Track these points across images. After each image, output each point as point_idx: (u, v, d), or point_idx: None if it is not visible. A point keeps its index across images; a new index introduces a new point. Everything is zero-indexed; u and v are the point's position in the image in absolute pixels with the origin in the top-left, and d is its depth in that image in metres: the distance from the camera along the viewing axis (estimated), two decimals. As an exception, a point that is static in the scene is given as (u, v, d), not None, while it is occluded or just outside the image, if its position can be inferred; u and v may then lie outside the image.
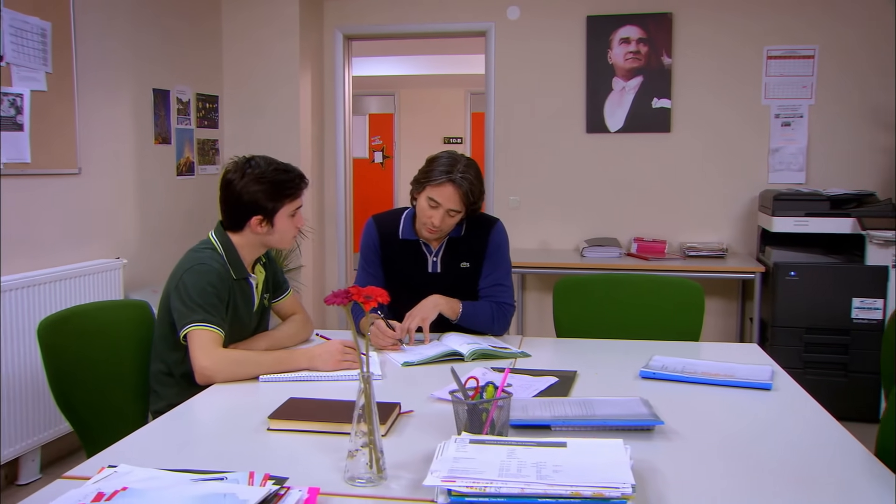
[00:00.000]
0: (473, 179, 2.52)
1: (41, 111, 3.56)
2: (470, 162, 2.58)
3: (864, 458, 1.58)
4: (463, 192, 2.50)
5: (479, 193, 2.55)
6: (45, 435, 3.42)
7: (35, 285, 3.38)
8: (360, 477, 1.46)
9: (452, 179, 2.50)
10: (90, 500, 1.30)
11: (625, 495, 1.32)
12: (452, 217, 2.55)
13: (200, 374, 2.11)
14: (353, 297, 1.45)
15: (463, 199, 2.51)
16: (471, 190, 2.51)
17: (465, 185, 2.50)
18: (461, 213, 2.56)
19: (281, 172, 2.35)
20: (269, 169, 2.33)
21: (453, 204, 2.51)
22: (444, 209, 2.52)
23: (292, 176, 2.37)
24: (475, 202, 2.55)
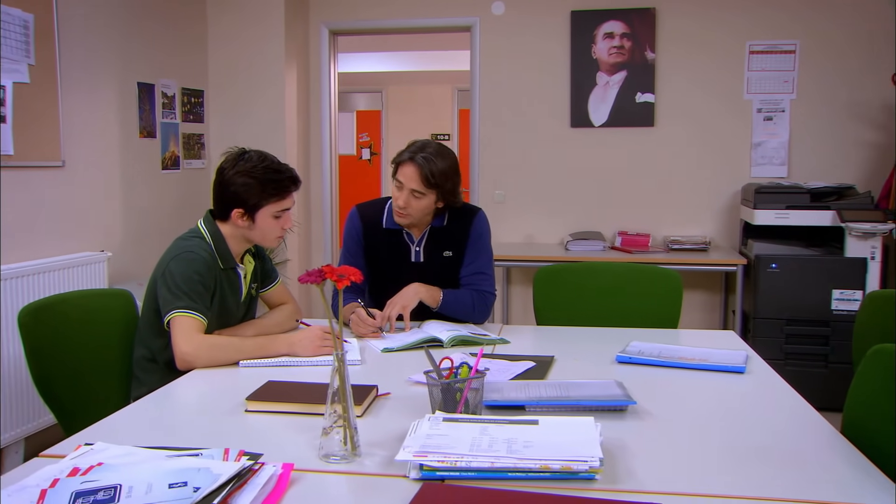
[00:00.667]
0: (436, 161, 2.54)
1: (24, 103, 3.56)
2: (441, 148, 2.61)
3: (830, 435, 1.61)
4: (423, 172, 2.52)
5: (441, 176, 2.54)
6: (30, 426, 3.43)
7: (18, 277, 3.39)
8: (334, 454, 1.48)
9: (413, 159, 2.54)
10: (66, 475, 1.31)
11: (592, 468, 1.35)
12: (418, 199, 2.57)
13: (181, 359, 2.13)
14: (327, 276, 1.47)
15: (423, 179, 2.53)
16: (431, 171, 2.52)
17: (425, 165, 2.53)
18: (427, 197, 2.57)
19: (271, 171, 2.34)
20: (260, 165, 2.33)
21: (415, 184, 2.54)
22: (407, 189, 2.55)
23: (282, 177, 2.35)
24: (438, 185, 2.55)
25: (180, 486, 1.26)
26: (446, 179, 2.56)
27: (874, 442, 1.54)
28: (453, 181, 2.60)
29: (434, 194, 2.57)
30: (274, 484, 1.34)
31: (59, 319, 2.32)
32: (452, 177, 2.59)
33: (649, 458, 1.50)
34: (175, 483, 1.27)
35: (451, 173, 2.58)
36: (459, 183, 2.65)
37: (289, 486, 1.36)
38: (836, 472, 1.44)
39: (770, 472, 1.44)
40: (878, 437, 1.54)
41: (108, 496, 1.24)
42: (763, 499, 1.32)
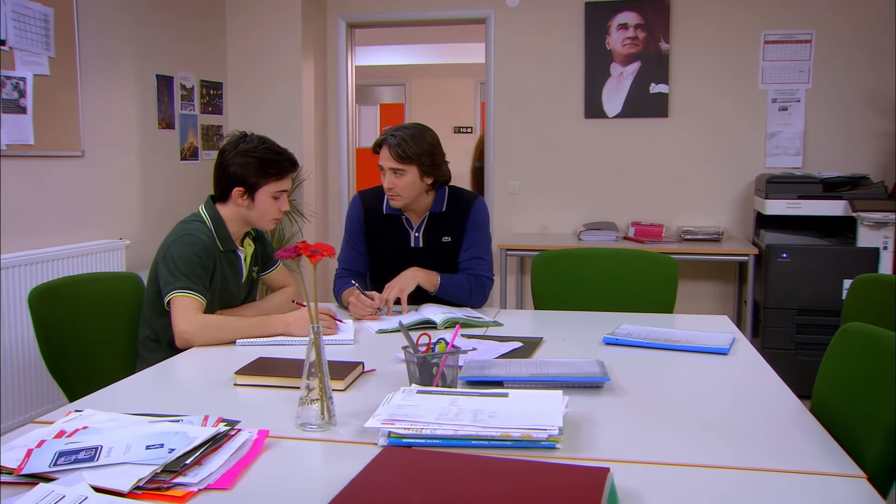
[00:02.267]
0: (406, 138, 2.62)
1: (44, 95, 3.68)
2: (414, 126, 2.70)
3: (798, 412, 1.64)
4: (395, 150, 2.61)
5: (415, 150, 2.61)
6: (44, 409, 3.55)
7: (38, 263, 3.51)
8: (310, 423, 1.55)
9: (385, 140, 2.64)
10: (52, 437, 1.39)
11: (552, 437, 1.41)
12: (400, 177, 2.63)
13: (180, 337, 2.21)
14: (301, 251, 1.54)
15: (396, 156, 2.61)
16: (402, 148, 2.60)
17: (393, 141, 2.62)
18: (408, 173, 2.63)
19: (270, 152, 2.43)
20: (260, 147, 2.43)
21: (391, 163, 2.62)
22: (388, 170, 2.64)
23: (281, 158, 2.45)
24: (413, 159, 2.61)
25: (157, 447, 1.33)
26: (421, 153, 2.63)
27: (837, 417, 1.58)
28: (431, 154, 2.66)
29: (414, 168, 2.64)
30: (248, 448, 1.41)
31: (68, 300, 2.41)
32: (428, 150, 2.65)
33: (614, 430, 1.55)
34: (152, 445, 1.34)
35: (426, 146, 2.65)
36: (440, 156, 2.71)
37: (263, 451, 1.43)
38: (793, 443, 1.47)
39: (727, 443, 1.48)
40: (841, 413, 1.57)
41: (89, 455, 1.32)
42: (712, 466, 1.36)
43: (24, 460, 1.31)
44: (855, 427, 1.48)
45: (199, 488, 1.25)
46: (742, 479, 1.32)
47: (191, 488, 1.25)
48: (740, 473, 1.34)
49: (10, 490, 1.25)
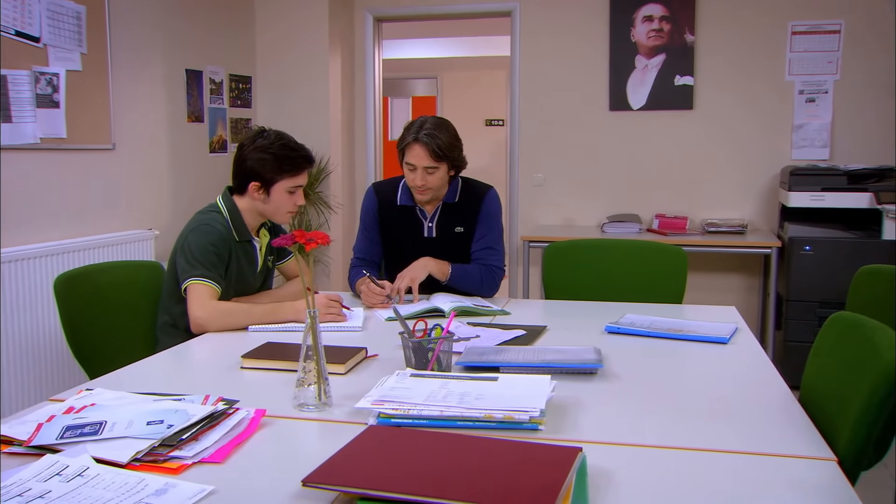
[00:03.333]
0: (438, 134, 2.65)
1: (76, 90, 3.80)
2: (438, 121, 2.74)
3: (786, 400, 1.67)
4: (430, 148, 2.65)
5: (448, 146, 2.66)
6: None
7: (70, 252, 3.64)
8: (307, 404, 1.62)
9: (418, 139, 2.66)
10: (61, 412, 1.48)
11: (533, 419, 1.46)
12: (432, 174, 2.68)
13: (195, 323, 2.30)
14: (297, 239, 1.61)
15: (432, 155, 2.65)
16: (437, 145, 2.64)
17: (430, 141, 2.65)
18: (440, 169, 2.69)
19: (287, 149, 2.51)
20: (277, 143, 2.50)
21: (425, 161, 2.66)
22: (420, 168, 2.67)
23: (296, 154, 2.52)
24: (447, 155, 2.67)
25: (157, 423, 1.42)
26: (452, 149, 2.68)
27: (821, 404, 1.60)
28: (458, 148, 2.72)
29: (445, 165, 2.69)
30: (245, 426, 1.49)
31: (91, 287, 2.53)
32: (456, 144, 2.72)
33: (599, 413, 1.60)
34: (153, 421, 1.42)
35: (454, 141, 2.71)
36: (462, 148, 2.77)
37: (259, 429, 1.50)
38: (772, 428, 1.51)
39: (708, 427, 1.52)
40: (824, 399, 1.60)
41: (94, 430, 1.40)
42: (688, 448, 1.40)
43: (34, 433, 1.40)
44: (834, 413, 1.51)
45: (193, 461, 1.33)
46: (714, 460, 1.36)
47: (185, 461, 1.32)
48: (713, 455, 1.38)
49: (20, 460, 1.34)
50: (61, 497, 1.20)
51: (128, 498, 1.20)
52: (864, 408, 1.34)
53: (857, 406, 1.37)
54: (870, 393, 1.34)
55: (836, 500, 1.20)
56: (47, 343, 3.49)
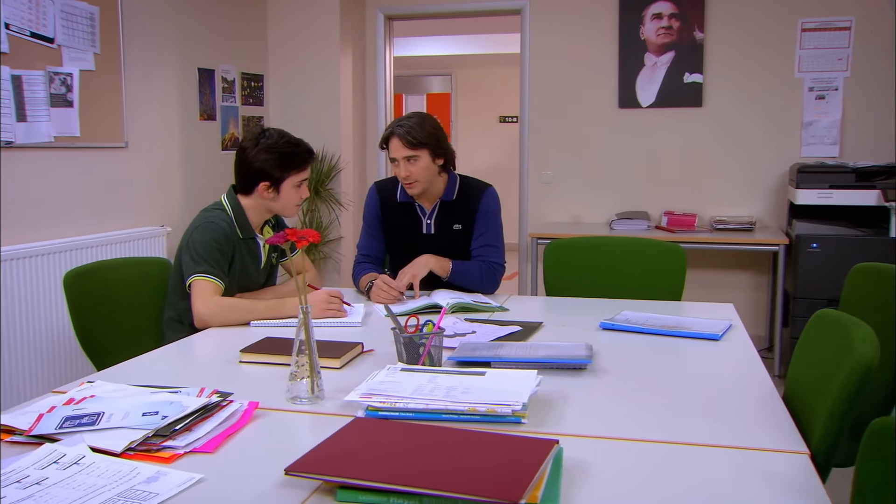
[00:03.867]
0: (412, 125, 2.72)
1: (90, 89, 3.88)
2: (417, 113, 2.80)
3: (769, 396, 1.69)
4: (405, 138, 2.71)
5: (425, 134, 2.72)
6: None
7: (83, 248, 3.71)
8: (299, 397, 1.67)
9: (392, 132, 2.74)
10: (62, 404, 1.54)
11: (515, 412, 1.50)
12: (415, 163, 2.74)
13: (198, 318, 2.36)
14: (289, 237, 1.66)
15: (407, 143, 2.71)
16: (409, 133, 2.70)
17: (401, 130, 2.72)
18: (421, 157, 2.73)
19: (291, 146, 2.57)
20: (281, 141, 2.56)
21: (403, 152, 2.72)
22: (401, 160, 2.73)
23: (300, 150, 2.59)
24: (423, 142, 2.72)
25: (152, 414, 1.47)
26: (429, 136, 2.73)
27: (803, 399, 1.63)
28: (437, 136, 2.77)
29: (426, 152, 2.74)
30: (237, 418, 1.54)
31: (100, 283, 2.59)
32: (434, 133, 2.76)
33: (583, 408, 1.64)
34: (148, 412, 1.48)
35: (431, 129, 2.75)
36: (445, 138, 2.82)
37: (252, 421, 1.55)
38: (751, 423, 1.54)
39: (688, 421, 1.55)
40: (805, 394, 1.63)
41: (91, 420, 1.46)
42: (665, 442, 1.44)
43: (35, 423, 1.46)
44: (811, 407, 1.54)
45: (185, 451, 1.38)
46: (689, 453, 1.39)
47: (177, 451, 1.38)
48: (689, 448, 1.41)
49: (20, 448, 1.40)
50: (57, 484, 1.26)
51: (120, 485, 1.25)
52: (835, 402, 1.37)
53: (830, 400, 1.40)
54: (840, 387, 1.37)
55: (801, 492, 1.23)
56: (59, 336, 3.56)
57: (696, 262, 5.27)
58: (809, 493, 1.22)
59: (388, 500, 1.18)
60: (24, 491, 1.23)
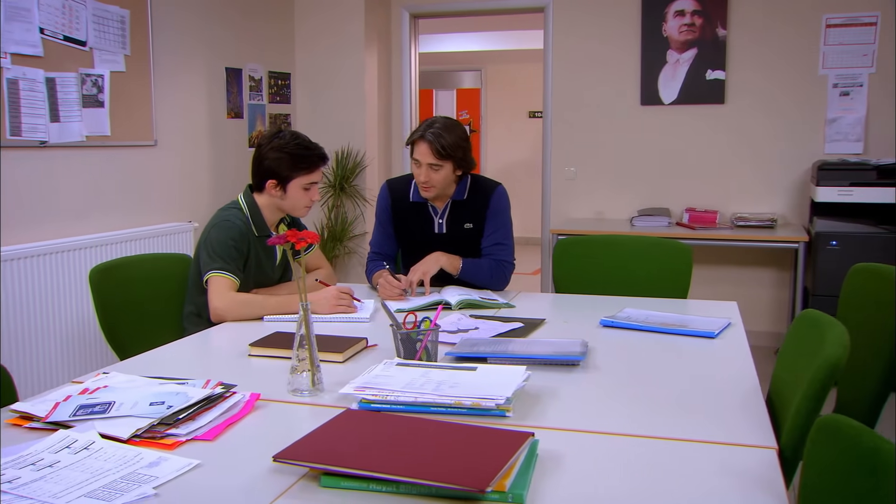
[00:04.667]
0: (444, 134, 2.77)
1: (120, 89, 4.02)
2: (446, 121, 2.86)
3: (751, 394, 1.75)
4: (434, 147, 2.77)
5: (453, 146, 2.78)
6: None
7: (113, 244, 3.86)
8: (301, 389, 1.76)
9: (423, 136, 2.79)
10: (77, 393, 1.65)
11: (499, 406, 1.58)
12: (437, 171, 2.81)
13: (214, 313, 2.47)
14: (289, 238, 1.75)
15: (435, 153, 2.77)
16: (441, 144, 2.76)
17: (434, 139, 2.77)
18: (444, 167, 2.80)
19: (301, 148, 2.66)
20: (292, 143, 2.65)
21: (429, 158, 2.78)
22: (425, 165, 2.80)
23: (311, 153, 2.67)
24: (451, 155, 2.78)
25: (159, 404, 1.57)
26: (456, 149, 2.80)
27: (783, 396, 1.69)
28: (463, 149, 2.83)
29: (450, 164, 2.81)
30: (239, 408, 1.64)
31: (124, 278, 2.72)
32: (462, 145, 2.83)
33: (569, 403, 1.71)
34: (155, 402, 1.58)
35: (461, 142, 2.82)
36: (469, 149, 2.88)
37: (253, 411, 1.65)
38: (728, 418, 1.60)
39: (668, 416, 1.62)
40: (784, 392, 1.68)
41: (103, 409, 1.57)
42: (640, 436, 1.51)
43: (51, 411, 1.58)
44: (786, 404, 1.59)
45: (187, 438, 1.48)
46: (661, 447, 1.46)
47: (179, 438, 1.48)
48: (661, 442, 1.48)
49: (38, 434, 1.51)
50: (68, 467, 1.36)
51: (124, 469, 1.35)
52: (802, 399, 1.42)
53: (798, 397, 1.45)
54: (807, 385, 1.43)
55: (761, 484, 1.29)
56: (87, 328, 3.71)
57: (717, 258, 5.29)
58: (768, 486, 1.28)
59: (368, 486, 1.26)
60: (38, 472, 1.34)
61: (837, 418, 1.07)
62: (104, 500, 1.24)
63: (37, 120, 3.57)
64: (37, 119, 3.57)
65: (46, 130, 3.62)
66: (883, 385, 2.04)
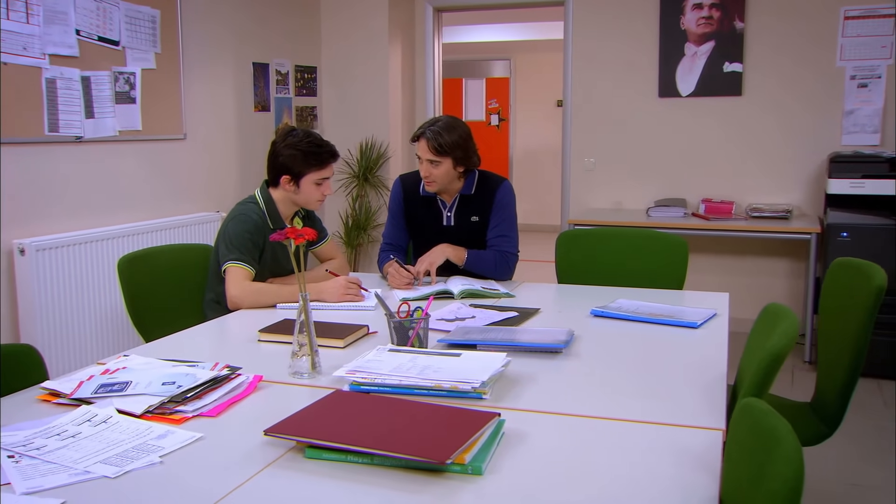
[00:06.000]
0: (444, 133, 2.92)
1: (151, 86, 4.23)
2: (450, 120, 3.02)
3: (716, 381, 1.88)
4: (432, 144, 2.93)
5: (451, 145, 2.93)
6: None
7: (143, 233, 4.07)
8: (300, 372, 1.93)
9: (422, 134, 2.96)
10: (99, 373, 1.84)
11: (475, 389, 1.73)
12: (436, 167, 2.96)
13: (230, 300, 2.66)
14: (289, 235, 1.91)
15: (433, 149, 2.93)
16: (438, 141, 2.92)
17: (432, 136, 2.94)
18: (443, 164, 2.95)
19: (313, 145, 2.83)
20: (305, 141, 2.83)
21: (428, 154, 2.95)
22: (424, 160, 2.96)
23: (322, 150, 2.85)
24: (448, 152, 2.93)
25: (170, 384, 1.75)
26: (455, 147, 2.95)
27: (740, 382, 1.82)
28: (463, 147, 2.98)
29: (449, 160, 2.96)
30: (243, 389, 1.82)
31: (150, 267, 2.91)
32: (462, 144, 2.97)
33: (544, 387, 1.86)
34: (167, 382, 1.76)
35: (460, 141, 2.96)
36: (472, 147, 3.02)
37: (255, 392, 1.82)
38: (690, 403, 1.73)
39: (634, 400, 1.76)
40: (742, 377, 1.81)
41: (121, 387, 1.75)
42: (603, 418, 1.65)
43: (76, 388, 1.77)
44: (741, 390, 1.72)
45: (193, 414, 1.66)
46: (617, 427, 1.60)
47: (186, 414, 1.66)
48: (621, 424, 1.62)
49: (63, 409, 1.70)
50: (88, 437, 1.55)
51: (136, 440, 1.53)
52: (748, 385, 1.56)
53: (745, 383, 1.58)
54: (752, 372, 1.56)
55: (699, 462, 1.43)
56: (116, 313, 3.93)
57: (732, 248, 5.37)
58: (706, 463, 1.42)
59: (346, 458, 1.43)
60: (62, 442, 1.53)
61: (752, 401, 1.20)
62: (117, 466, 1.42)
63: (73, 116, 3.79)
64: (73, 116, 3.79)
65: (82, 126, 3.84)
66: (852, 372, 2.15)
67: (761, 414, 1.14)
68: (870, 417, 3.86)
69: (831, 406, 2.22)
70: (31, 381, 1.87)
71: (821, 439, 2.25)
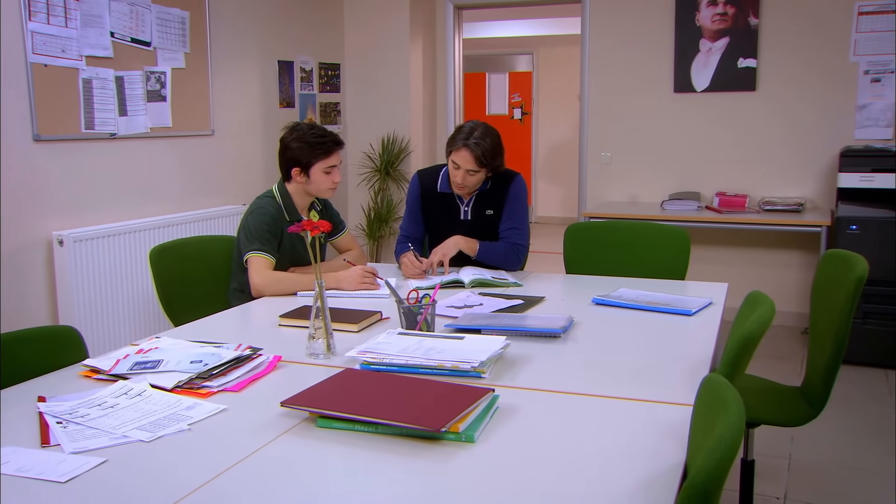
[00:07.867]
0: (486, 144, 3.05)
1: (180, 84, 4.43)
2: (487, 129, 3.13)
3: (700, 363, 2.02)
4: (476, 155, 3.05)
5: (492, 155, 3.07)
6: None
7: (173, 225, 4.28)
8: (316, 353, 2.10)
9: (467, 145, 3.07)
10: (134, 353, 2.03)
11: (474, 368, 1.89)
12: (473, 176, 3.11)
13: (254, 288, 2.84)
14: (305, 227, 2.08)
15: (476, 161, 3.06)
16: (483, 154, 3.05)
17: (477, 149, 3.05)
18: (480, 173, 3.10)
19: (317, 136, 3.01)
20: (309, 132, 3.01)
21: (470, 165, 3.07)
22: (463, 170, 3.09)
23: (326, 140, 3.02)
24: (490, 163, 3.08)
25: (197, 362, 1.93)
26: (494, 156, 3.09)
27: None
28: (501, 156, 3.14)
29: (486, 171, 3.11)
30: (263, 367, 1.99)
31: (180, 257, 3.10)
32: (501, 152, 3.13)
33: (539, 367, 2.01)
34: (195, 360, 1.94)
35: (497, 149, 3.11)
36: (502, 153, 3.17)
37: (274, 370, 2.00)
38: (671, 383, 1.88)
39: (621, 380, 1.90)
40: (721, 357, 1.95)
41: (153, 365, 1.93)
42: (589, 395, 1.80)
43: (114, 365, 1.95)
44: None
45: (218, 389, 1.84)
46: (602, 403, 1.75)
47: (212, 389, 1.83)
48: (606, 400, 1.77)
49: (102, 384, 1.89)
50: (125, 408, 1.73)
51: (168, 410, 1.71)
52: (722, 363, 1.70)
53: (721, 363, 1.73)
54: (726, 353, 1.70)
55: (672, 434, 1.57)
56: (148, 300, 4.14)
57: (745, 240, 5.47)
58: (679, 435, 1.57)
59: (354, 427, 1.59)
60: (103, 411, 1.71)
61: (712, 376, 1.35)
62: (150, 432, 1.60)
63: (107, 114, 3.99)
64: (107, 113, 3.99)
65: (115, 123, 4.04)
66: (835, 357, 2.28)
67: (718, 386, 1.29)
68: (877, 405, 3.97)
69: (816, 389, 2.35)
70: (74, 359, 2.06)
71: (807, 420, 2.38)
